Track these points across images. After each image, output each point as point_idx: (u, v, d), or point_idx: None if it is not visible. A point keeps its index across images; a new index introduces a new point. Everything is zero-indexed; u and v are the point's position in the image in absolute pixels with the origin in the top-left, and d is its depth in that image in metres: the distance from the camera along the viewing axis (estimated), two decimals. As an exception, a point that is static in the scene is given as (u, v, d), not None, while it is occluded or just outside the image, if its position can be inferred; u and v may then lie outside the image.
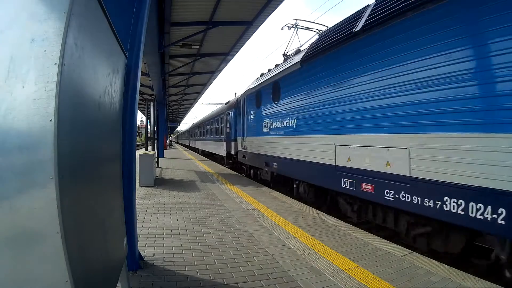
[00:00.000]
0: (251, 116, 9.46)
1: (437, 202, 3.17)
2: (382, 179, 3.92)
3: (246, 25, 9.59)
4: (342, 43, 4.75)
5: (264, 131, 8.18)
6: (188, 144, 40.28)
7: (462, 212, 2.91)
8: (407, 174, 3.53)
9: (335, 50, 4.95)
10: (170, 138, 51.90)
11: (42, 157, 1.08)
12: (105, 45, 1.82)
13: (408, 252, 3.52)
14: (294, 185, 6.98)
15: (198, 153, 26.58)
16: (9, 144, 1.07)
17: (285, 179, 7.49)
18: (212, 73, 16.15)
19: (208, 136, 19.96)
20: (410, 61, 3.51)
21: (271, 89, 7.76)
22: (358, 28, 4.40)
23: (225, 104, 14.47)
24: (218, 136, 15.39)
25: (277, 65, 8.08)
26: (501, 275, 3.11)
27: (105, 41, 1.82)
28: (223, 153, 13.80)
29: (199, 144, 25.90)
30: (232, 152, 12.10)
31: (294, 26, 8.39)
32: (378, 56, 4.01)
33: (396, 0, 3.77)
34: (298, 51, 7.19)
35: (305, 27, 8.43)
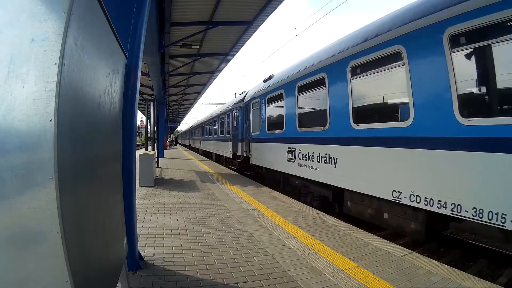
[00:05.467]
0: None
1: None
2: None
3: (246, 25, 9.59)
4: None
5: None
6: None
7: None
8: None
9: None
10: (173, 137, 52.42)
11: (42, 157, 1.08)
12: (105, 45, 1.82)
13: (408, 252, 3.53)
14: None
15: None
16: (9, 144, 1.07)
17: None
18: (212, 73, 16.16)
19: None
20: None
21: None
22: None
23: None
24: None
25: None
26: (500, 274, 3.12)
27: (105, 41, 1.82)
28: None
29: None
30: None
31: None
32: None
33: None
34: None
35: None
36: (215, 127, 18.09)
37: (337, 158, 5.16)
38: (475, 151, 3.03)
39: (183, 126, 70.76)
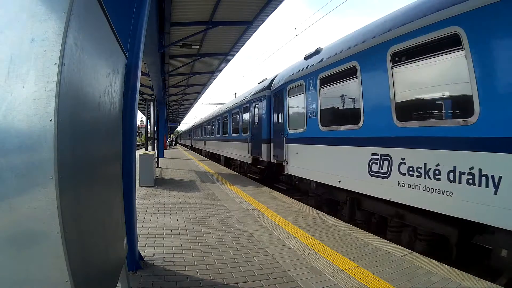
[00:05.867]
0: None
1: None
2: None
3: (246, 25, 9.59)
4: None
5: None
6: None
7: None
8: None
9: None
10: (173, 137, 52.22)
11: (42, 157, 1.08)
12: (105, 45, 1.82)
13: (408, 252, 3.53)
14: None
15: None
16: (9, 144, 1.07)
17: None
18: (212, 73, 16.16)
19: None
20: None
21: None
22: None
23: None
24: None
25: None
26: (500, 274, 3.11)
27: (105, 41, 1.82)
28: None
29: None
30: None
31: None
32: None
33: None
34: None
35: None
36: (225, 125, 14.77)
37: (500, 177, 2.88)
38: None
39: (183, 126, 70.49)
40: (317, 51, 6.36)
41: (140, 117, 46.45)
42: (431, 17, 3.54)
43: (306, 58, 6.75)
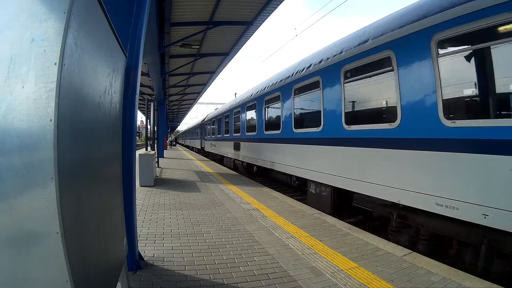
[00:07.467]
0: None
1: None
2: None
3: (246, 25, 9.60)
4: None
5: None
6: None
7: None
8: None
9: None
10: (173, 137, 50.76)
11: (42, 157, 1.08)
12: (105, 45, 1.82)
13: (408, 252, 3.52)
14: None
15: None
16: (9, 144, 1.07)
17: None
18: (212, 73, 16.18)
19: None
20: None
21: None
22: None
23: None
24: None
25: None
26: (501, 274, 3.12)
27: (105, 41, 1.82)
28: None
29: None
30: None
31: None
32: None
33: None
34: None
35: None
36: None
37: None
38: None
39: (183, 126, 69.25)
40: None
41: (140, 117, 46.38)
42: None
43: None
